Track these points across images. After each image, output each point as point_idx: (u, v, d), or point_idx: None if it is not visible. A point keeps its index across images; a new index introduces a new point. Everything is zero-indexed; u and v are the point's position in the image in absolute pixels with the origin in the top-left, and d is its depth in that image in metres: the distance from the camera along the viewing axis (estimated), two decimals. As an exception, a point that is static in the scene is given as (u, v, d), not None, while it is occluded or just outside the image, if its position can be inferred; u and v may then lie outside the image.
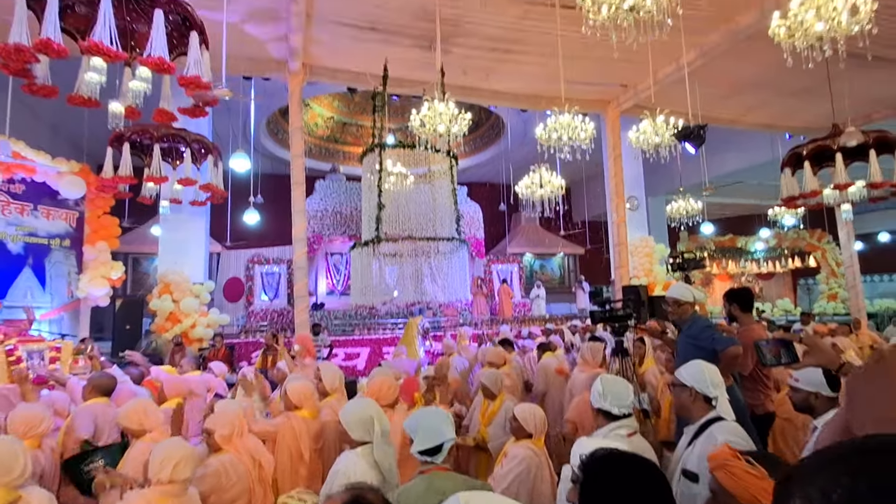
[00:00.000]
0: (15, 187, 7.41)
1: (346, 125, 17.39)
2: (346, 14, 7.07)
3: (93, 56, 3.28)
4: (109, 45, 3.20)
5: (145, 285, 13.98)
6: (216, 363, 5.81)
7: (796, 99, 10.00)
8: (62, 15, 4.12)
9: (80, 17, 4.55)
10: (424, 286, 7.61)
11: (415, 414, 2.51)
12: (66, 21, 4.28)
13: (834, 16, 3.91)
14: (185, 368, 5.26)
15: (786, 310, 16.53)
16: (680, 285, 3.61)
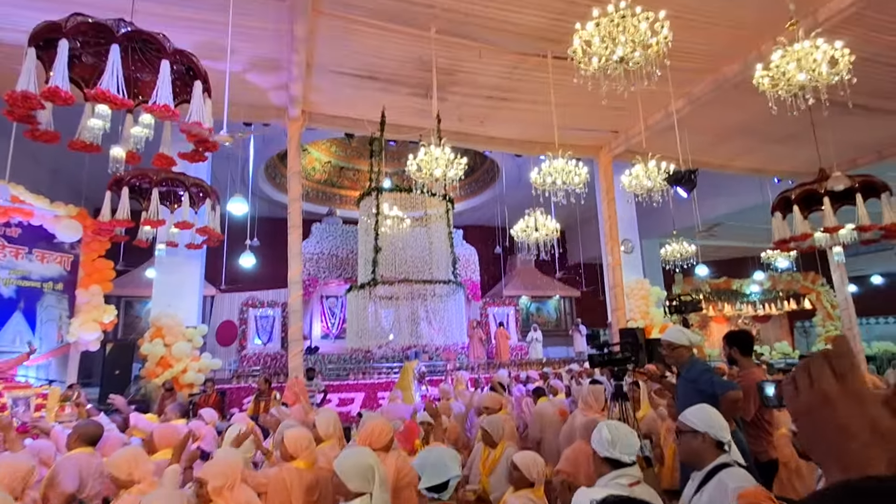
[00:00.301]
0: (11, 231, 7.40)
1: (344, 169, 17.67)
2: (345, 64, 7.31)
3: (99, 103, 3.36)
4: (116, 94, 3.28)
5: (137, 329, 13.78)
6: (207, 410, 5.65)
7: (782, 145, 10.29)
8: (69, 64, 4.25)
9: (86, 66, 4.70)
10: (420, 329, 7.54)
11: (422, 452, 2.56)
12: (73, 70, 4.41)
13: (814, 67, 4.08)
14: (170, 416, 5.07)
15: (784, 353, 16.40)
16: (674, 328, 3.60)
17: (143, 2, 5.35)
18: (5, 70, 6.87)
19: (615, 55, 3.79)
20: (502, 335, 13.81)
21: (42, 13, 5.09)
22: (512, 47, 6.93)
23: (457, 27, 6.47)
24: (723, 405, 3.01)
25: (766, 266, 15.57)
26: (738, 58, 7.23)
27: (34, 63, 3.61)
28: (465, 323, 12.36)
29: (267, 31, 6.48)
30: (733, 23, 6.48)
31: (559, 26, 6.36)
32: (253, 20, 6.17)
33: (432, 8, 6.09)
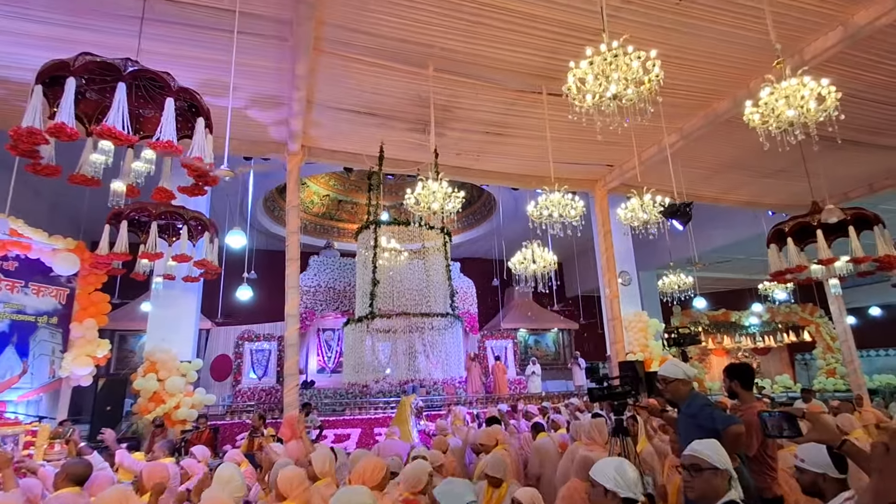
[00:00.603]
0: (8, 264, 7.38)
1: (342, 202, 17.81)
2: (345, 100, 7.47)
3: (105, 140, 3.41)
4: (121, 130, 3.34)
5: (130, 364, 13.57)
6: (199, 447, 5.51)
7: (775, 178, 10.45)
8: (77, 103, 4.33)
9: (89, 102, 4.79)
10: (418, 363, 7.46)
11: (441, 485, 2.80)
12: (76, 106, 4.50)
13: (802, 104, 4.19)
14: (157, 455, 4.89)
15: (786, 386, 16.22)
16: (669, 362, 3.55)
17: (149, 41, 5.51)
18: (9, 106, 7.02)
19: (608, 92, 3.89)
20: (500, 369, 13.64)
21: (48, 52, 5.23)
22: (508, 85, 7.11)
23: (454, 66, 6.65)
24: (726, 440, 2.95)
25: (764, 298, 15.56)
26: (728, 94, 7.42)
27: (40, 99, 3.68)
28: (463, 356, 12.23)
29: (268, 69, 6.65)
30: (722, 61, 6.68)
31: (553, 64, 6.55)
32: (255, 59, 6.33)
33: (430, 48, 6.27)
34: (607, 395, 3.78)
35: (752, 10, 5.57)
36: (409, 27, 5.91)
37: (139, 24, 5.38)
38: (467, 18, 5.77)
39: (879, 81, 7.01)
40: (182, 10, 5.49)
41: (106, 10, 5.45)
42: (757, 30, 5.82)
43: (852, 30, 5.80)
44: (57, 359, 7.71)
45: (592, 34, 5.90)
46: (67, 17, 5.54)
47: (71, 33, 5.71)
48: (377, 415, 9.94)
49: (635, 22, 5.78)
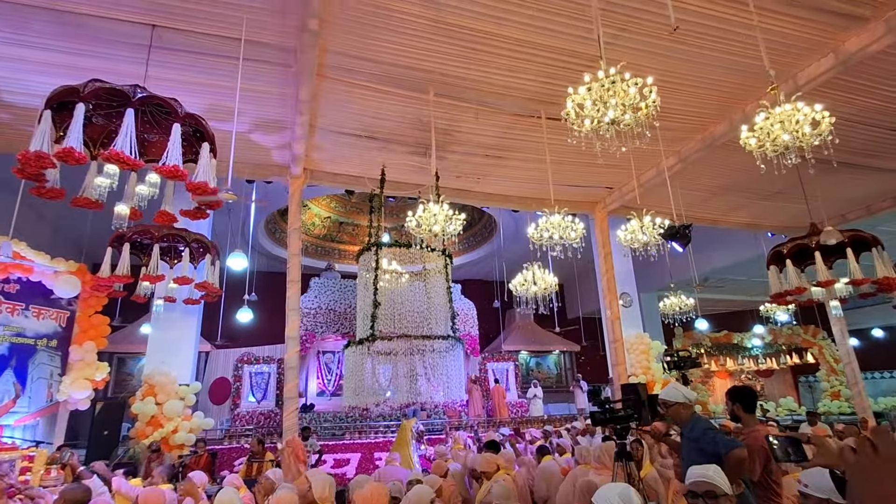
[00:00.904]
0: (10, 287, 7.39)
1: (343, 224, 17.90)
2: (347, 124, 7.58)
3: (113, 164, 3.47)
4: (129, 155, 3.40)
5: (128, 387, 13.45)
6: (196, 473, 5.44)
7: (772, 201, 10.53)
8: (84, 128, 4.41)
9: (95, 126, 4.87)
10: (419, 386, 7.40)
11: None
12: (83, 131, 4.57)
13: (797, 128, 4.25)
14: (157, 480, 4.84)
15: (790, 409, 16.04)
16: (671, 386, 3.53)
17: (155, 68, 5.64)
18: (15, 131, 7.13)
19: (606, 117, 3.96)
20: (499, 392, 13.50)
21: (56, 79, 5.34)
22: (507, 109, 7.23)
23: (454, 91, 6.77)
24: (728, 465, 2.92)
25: (765, 319, 15.49)
26: (724, 118, 7.54)
27: (49, 124, 3.75)
28: (464, 379, 12.13)
29: (272, 95, 6.77)
30: (718, 86, 6.81)
31: (552, 89, 6.67)
32: (259, 84, 6.46)
33: (431, 73, 6.40)
34: (609, 419, 3.74)
35: (745, 37, 5.70)
36: (411, 54, 6.04)
37: (147, 51, 5.53)
38: (467, 45, 5.90)
39: (873, 105, 7.13)
40: (189, 38, 5.62)
41: (114, 39, 5.57)
42: (751, 56, 5.95)
43: (844, 56, 5.93)
44: (55, 382, 7.66)
45: (590, 60, 6.02)
46: (76, 45, 5.67)
47: (79, 60, 5.84)
48: (377, 439, 9.81)
49: (631, 49, 5.91)
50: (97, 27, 5.42)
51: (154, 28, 5.45)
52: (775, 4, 5.32)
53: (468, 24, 5.55)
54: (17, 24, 5.34)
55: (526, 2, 5.25)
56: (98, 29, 5.45)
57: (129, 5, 5.17)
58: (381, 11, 5.34)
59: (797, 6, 5.36)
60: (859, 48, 5.78)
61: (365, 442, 9.64)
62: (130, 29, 5.45)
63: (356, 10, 5.34)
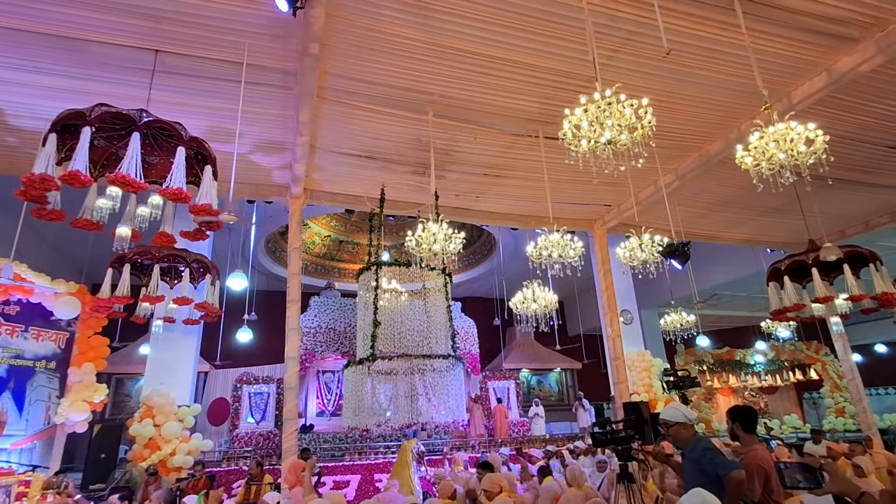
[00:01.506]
0: (10, 309, 7.39)
1: (343, 243, 17.94)
2: (346, 145, 7.66)
3: (118, 187, 3.50)
4: (135, 178, 3.44)
5: (126, 408, 13.34)
6: (191, 497, 5.39)
7: (771, 217, 10.57)
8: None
9: (97, 149, 4.92)
10: (419, 406, 7.34)
11: None
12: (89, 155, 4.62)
13: (792, 147, 4.30)
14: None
15: (794, 427, 15.88)
16: (671, 406, 3.50)
17: (158, 91, 5.72)
18: (19, 154, 7.21)
19: (603, 138, 4.01)
20: (501, 412, 13.39)
21: (60, 102, 5.44)
22: (505, 129, 7.31)
23: (453, 111, 6.85)
24: (728, 486, 2.90)
25: (767, 336, 15.44)
26: (720, 137, 7.62)
27: (54, 147, 3.79)
28: (465, 398, 12.03)
29: (273, 116, 6.85)
30: (712, 105, 6.89)
31: (549, 109, 6.76)
32: (260, 107, 6.54)
33: (430, 95, 6.48)
34: (611, 439, 3.71)
35: (738, 57, 5.79)
36: (410, 76, 6.13)
37: (150, 75, 5.61)
38: (465, 68, 6.00)
39: (867, 123, 7.21)
40: (192, 62, 5.71)
41: (118, 63, 5.67)
42: (744, 76, 6.04)
43: (836, 76, 6.02)
44: (53, 405, 7.61)
45: (586, 81, 6.11)
46: (81, 69, 5.76)
47: (84, 85, 5.93)
48: (377, 460, 9.70)
49: (626, 70, 6.01)
50: (102, 52, 5.52)
51: (157, 53, 5.54)
52: (766, 26, 5.41)
53: (466, 46, 5.65)
54: (24, 50, 5.44)
55: (522, 25, 5.35)
56: (103, 54, 5.55)
57: (134, 31, 5.27)
58: (380, 35, 5.44)
59: (788, 27, 5.46)
60: (851, 67, 5.87)
61: (365, 463, 9.53)
62: (134, 54, 5.54)
63: (356, 35, 5.44)
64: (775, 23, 5.38)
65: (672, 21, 5.23)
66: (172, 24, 5.19)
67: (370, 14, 5.16)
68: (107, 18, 5.08)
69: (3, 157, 7.40)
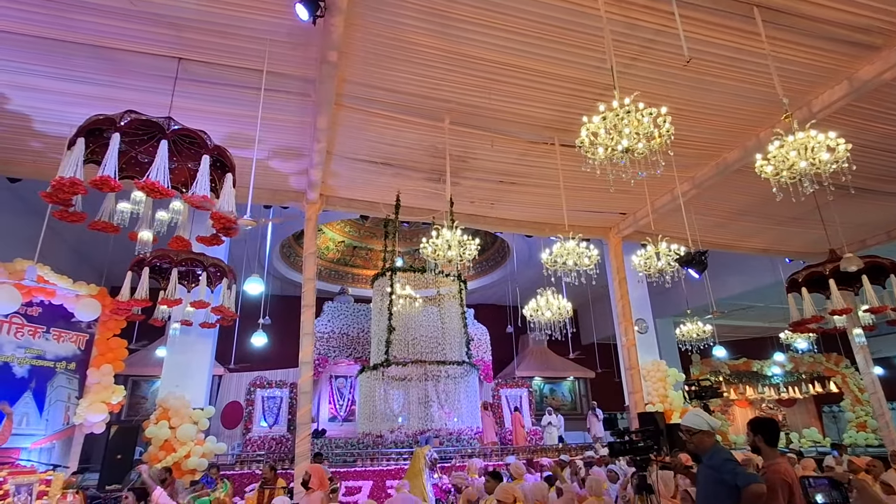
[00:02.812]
0: (32, 310, 7.54)
1: (357, 249, 18.03)
2: (363, 152, 7.72)
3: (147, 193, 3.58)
4: (164, 185, 3.51)
5: (141, 410, 13.50)
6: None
7: (789, 226, 10.42)
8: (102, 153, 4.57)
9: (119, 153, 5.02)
10: (432, 412, 7.34)
11: None
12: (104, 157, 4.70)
13: (814, 156, 4.25)
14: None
15: (814, 440, 15.54)
16: (693, 413, 3.44)
17: (179, 98, 5.83)
18: (45, 158, 7.39)
19: (620, 146, 4.00)
20: (518, 420, 13.33)
21: (86, 109, 5.55)
22: (521, 136, 7.32)
23: (469, 119, 6.88)
24: (745, 498, 2.85)
25: (786, 347, 15.17)
26: (738, 145, 7.55)
27: (82, 152, 3.87)
28: (478, 405, 11.99)
29: (291, 123, 6.94)
30: (731, 113, 6.84)
31: (566, 117, 6.76)
32: (279, 113, 6.63)
33: (447, 102, 6.52)
34: (629, 449, 3.67)
35: (758, 66, 5.75)
36: (427, 84, 6.18)
37: (173, 83, 5.73)
38: (482, 75, 6.03)
39: (889, 132, 7.10)
40: (213, 70, 5.82)
41: (142, 71, 5.80)
42: (764, 84, 5.99)
43: (858, 84, 5.94)
44: (72, 405, 7.73)
45: (604, 89, 6.11)
46: (106, 76, 5.90)
47: (109, 91, 6.07)
48: (390, 466, 9.68)
49: (644, 78, 5.99)
50: (127, 60, 5.65)
51: (180, 61, 5.66)
52: (786, 34, 5.37)
53: (483, 54, 5.68)
54: (53, 58, 5.58)
55: (540, 33, 5.37)
56: (128, 62, 5.68)
57: (158, 40, 5.39)
58: (398, 43, 5.50)
59: (808, 36, 5.41)
60: (873, 76, 5.79)
61: (377, 469, 9.51)
62: (158, 62, 5.67)
63: (374, 43, 5.50)
64: (796, 31, 5.34)
65: (691, 29, 5.21)
66: (195, 33, 5.30)
67: (389, 22, 5.22)
68: (133, 27, 5.21)
69: (30, 162, 7.60)
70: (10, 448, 6.42)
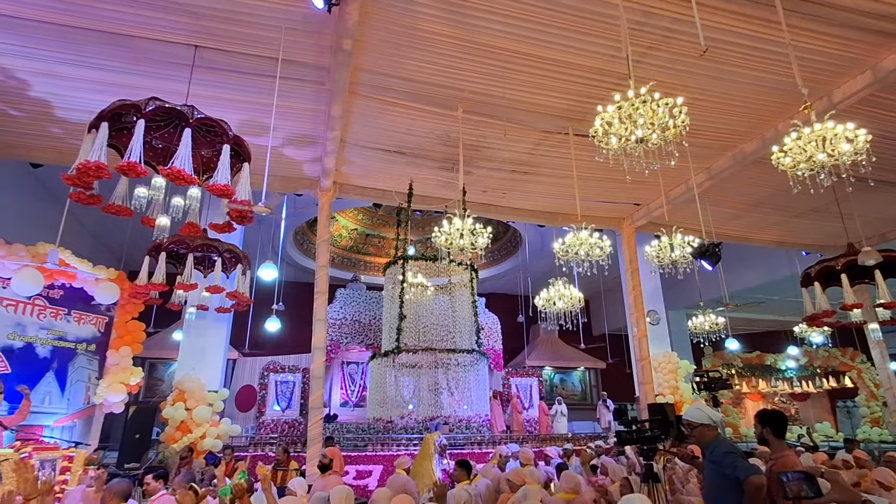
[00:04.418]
0: (54, 293, 7.74)
1: (369, 236, 18.13)
2: (376, 140, 7.75)
3: (172, 181, 3.65)
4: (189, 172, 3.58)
5: (158, 391, 13.83)
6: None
7: (806, 219, 10.26)
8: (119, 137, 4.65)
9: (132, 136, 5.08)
10: (442, 399, 7.43)
11: None
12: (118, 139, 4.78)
13: (833, 147, 4.18)
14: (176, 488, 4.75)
15: (827, 435, 15.41)
16: (694, 407, 3.44)
17: (195, 86, 5.89)
18: (65, 144, 7.53)
19: (634, 136, 3.97)
20: (542, 410, 13.55)
21: (105, 96, 5.64)
22: (535, 125, 7.28)
23: (483, 108, 6.86)
24: (746, 491, 2.87)
25: (800, 341, 15.00)
26: (756, 135, 7.43)
27: (106, 136, 3.94)
28: (488, 393, 12.08)
29: (305, 111, 6.98)
30: (749, 103, 6.72)
31: (580, 106, 6.71)
32: (293, 101, 6.66)
33: (461, 91, 6.51)
34: (636, 438, 3.70)
35: (777, 55, 5.64)
36: (441, 72, 6.16)
37: (189, 70, 5.79)
38: (496, 64, 6.00)
39: (912, 123, 6.94)
40: (229, 57, 5.86)
41: (160, 59, 5.86)
42: (783, 73, 5.88)
43: (881, 73, 5.81)
44: (92, 385, 7.95)
45: (619, 78, 6.05)
46: (125, 64, 5.97)
47: (127, 79, 6.15)
48: (400, 451, 9.82)
49: (660, 67, 5.92)
50: (145, 48, 5.72)
51: (197, 48, 5.71)
52: (808, 22, 5.25)
53: (498, 43, 5.65)
54: (74, 46, 5.67)
55: (555, 21, 5.32)
56: (145, 49, 5.74)
57: (175, 28, 5.44)
58: (412, 32, 5.49)
59: (830, 24, 5.29)
60: (897, 66, 5.66)
61: (387, 454, 9.65)
62: (175, 49, 5.72)
63: (389, 31, 5.50)
64: (818, 19, 5.22)
65: (709, 17, 5.13)
66: (212, 21, 5.33)
67: (403, 10, 5.21)
68: (151, 15, 5.26)
69: (51, 148, 7.75)
70: (34, 425, 6.64)
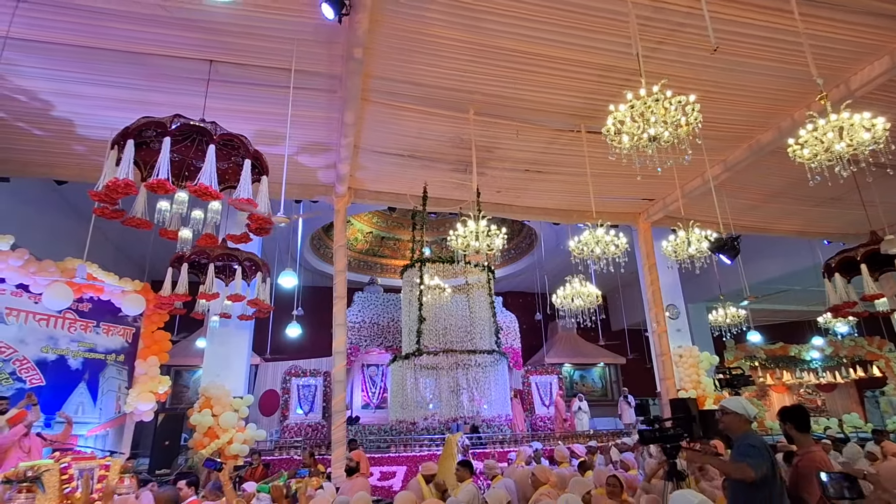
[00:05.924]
0: (83, 306, 7.98)
1: (385, 239, 18.25)
2: (390, 145, 7.82)
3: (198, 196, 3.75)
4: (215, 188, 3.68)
5: (184, 399, 14.10)
6: (250, 483, 5.69)
7: (827, 207, 10.08)
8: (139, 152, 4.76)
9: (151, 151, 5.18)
10: (462, 400, 7.47)
11: None
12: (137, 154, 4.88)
13: (852, 136, 4.13)
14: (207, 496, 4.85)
15: (855, 426, 15.11)
16: (736, 398, 3.44)
17: (210, 99, 6.02)
18: (87, 161, 7.74)
19: (646, 134, 3.96)
20: (558, 407, 13.56)
21: (125, 113, 5.83)
22: (547, 125, 7.29)
23: (494, 109, 6.89)
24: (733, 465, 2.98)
25: (825, 331, 14.73)
26: (772, 126, 7.34)
27: (132, 154, 4.06)
28: (508, 393, 12.08)
29: (319, 119, 7.08)
30: (764, 94, 6.65)
31: (591, 104, 6.70)
32: (307, 110, 6.77)
33: (472, 94, 6.55)
34: (659, 437, 3.70)
35: (791, 44, 5.58)
36: (451, 76, 6.21)
37: (205, 84, 5.92)
38: (506, 65, 6.02)
39: (935, 107, 6.78)
40: (244, 70, 5.98)
41: (176, 74, 6.01)
42: (798, 62, 5.80)
43: (900, 59, 5.70)
44: (122, 395, 8.17)
45: (630, 74, 6.03)
46: (142, 80, 6.13)
47: (145, 95, 6.32)
48: (422, 452, 9.90)
49: (671, 61, 5.89)
50: (161, 64, 5.86)
51: (212, 63, 5.84)
52: (823, 10, 5.19)
53: (506, 44, 5.67)
54: (92, 65, 5.84)
55: (563, 21, 5.33)
56: (162, 66, 5.89)
57: (190, 44, 5.57)
58: (422, 37, 5.54)
59: (846, 11, 5.21)
60: (917, 50, 5.55)
61: (410, 455, 9.74)
62: (191, 64, 5.86)
63: (398, 38, 5.56)
64: (832, 6, 5.15)
65: (720, 9, 5.09)
66: (226, 35, 5.45)
67: (412, 17, 5.26)
68: (166, 33, 5.40)
69: (74, 165, 7.97)
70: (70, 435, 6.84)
